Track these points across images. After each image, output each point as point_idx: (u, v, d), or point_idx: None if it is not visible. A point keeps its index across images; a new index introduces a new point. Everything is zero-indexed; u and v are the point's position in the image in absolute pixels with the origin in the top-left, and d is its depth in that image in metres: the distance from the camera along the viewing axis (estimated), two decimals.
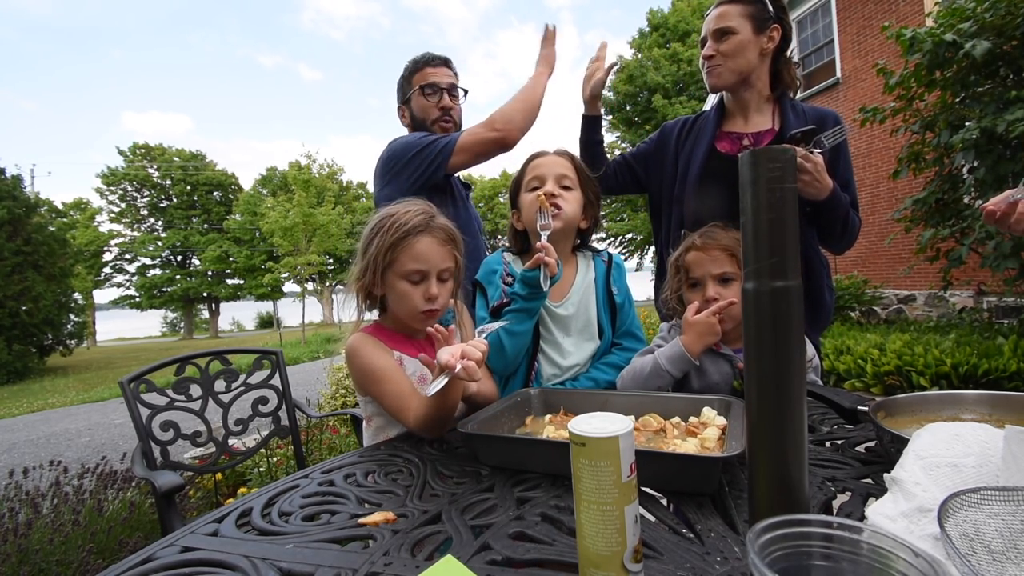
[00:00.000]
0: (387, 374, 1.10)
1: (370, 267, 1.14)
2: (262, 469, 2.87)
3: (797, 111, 1.54)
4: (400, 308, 1.17)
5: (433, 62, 1.84)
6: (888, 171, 5.10)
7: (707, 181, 1.55)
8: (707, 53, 1.55)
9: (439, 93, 1.82)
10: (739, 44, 1.50)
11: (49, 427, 7.36)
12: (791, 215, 0.54)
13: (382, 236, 1.12)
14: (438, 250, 1.16)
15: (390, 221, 1.14)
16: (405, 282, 1.14)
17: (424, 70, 1.83)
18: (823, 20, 9.50)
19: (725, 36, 1.51)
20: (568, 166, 1.36)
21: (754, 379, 0.56)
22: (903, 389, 4.44)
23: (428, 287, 1.14)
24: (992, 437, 0.60)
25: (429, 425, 1.02)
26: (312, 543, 0.64)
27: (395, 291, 1.15)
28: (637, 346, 1.38)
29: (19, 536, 1.86)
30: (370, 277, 1.15)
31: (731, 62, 1.52)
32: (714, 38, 1.53)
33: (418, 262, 1.13)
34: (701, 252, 1.26)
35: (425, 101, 1.81)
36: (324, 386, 4.68)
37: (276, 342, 17.65)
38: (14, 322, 15.98)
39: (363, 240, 1.18)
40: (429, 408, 0.99)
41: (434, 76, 1.82)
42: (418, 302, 1.14)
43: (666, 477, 0.75)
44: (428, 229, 1.15)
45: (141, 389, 1.77)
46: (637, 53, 22.10)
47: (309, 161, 23.11)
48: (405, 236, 1.12)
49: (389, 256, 1.12)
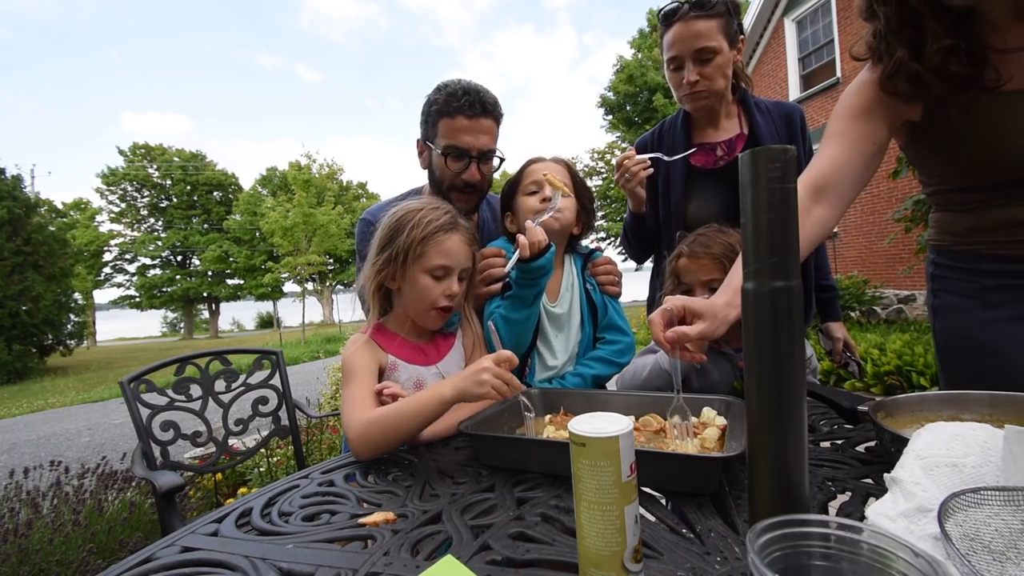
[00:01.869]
0: (356, 376, 1.07)
1: (396, 259, 1.13)
2: (262, 469, 2.87)
3: (762, 109, 1.51)
4: (417, 302, 1.16)
5: (470, 111, 1.33)
6: (888, 171, 5.09)
7: (691, 198, 1.51)
8: (691, 79, 1.40)
9: (466, 161, 1.37)
10: (722, 64, 1.39)
11: (49, 427, 7.36)
12: (791, 215, 0.54)
13: (412, 230, 1.12)
14: (464, 249, 1.17)
15: (419, 215, 1.14)
16: (428, 277, 1.14)
17: (456, 120, 1.34)
18: (823, 20, 9.51)
19: (709, 57, 1.37)
20: (565, 174, 1.36)
21: (754, 379, 0.56)
22: (903, 389, 4.44)
23: (450, 284, 1.15)
24: (992, 437, 0.60)
25: (366, 441, 0.94)
26: (312, 543, 0.65)
27: (416, 285, 1.14)
28: (621, 338, 1.38)
29: (19, 536, 1.86)
30: (392, 269, 1.15)
31: (715, 85, 1.41)
32: (695, 60, 1.39)
33: (446, 258, 1.14)
34: (690, 260, 1.28)
35: (447, 166, 1.38)
36: (324, 386, 4.68)
37: (276, 342, 17.66)
38: (14, 322, 15.99)
39: (384, 233, 1.16)
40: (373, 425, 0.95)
41: (466, 135, 1.35)
42: (437, 297, 1.14)
43: (666, 477, 0.75)
44: (457, 227, 1.16)
45: (141, 389, 1.77)
46: (637, 53, 22.10)
47: (309, 161, 23.14)
48: (436, 232, 1.13)
49: (419, 250, 1.12)
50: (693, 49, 1.37)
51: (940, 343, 1.16)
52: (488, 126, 1.38)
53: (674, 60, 1.42)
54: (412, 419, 0.94)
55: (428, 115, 1.41)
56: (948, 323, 1.12)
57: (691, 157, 1.51)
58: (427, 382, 1.15)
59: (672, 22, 1.39)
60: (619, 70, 22.05)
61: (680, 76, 1.43)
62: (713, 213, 1.43)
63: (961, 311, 1.09)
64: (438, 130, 1.38)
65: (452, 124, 1.35)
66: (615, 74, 22.16)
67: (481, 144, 1.37)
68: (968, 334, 1.07)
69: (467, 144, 1.35)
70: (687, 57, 1.39)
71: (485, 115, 1.36)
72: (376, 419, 0.95)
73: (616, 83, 21.67)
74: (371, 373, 1.10)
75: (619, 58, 22.45)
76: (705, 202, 1.49)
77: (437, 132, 1.39)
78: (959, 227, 1.08)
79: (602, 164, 23.69)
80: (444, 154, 1.37)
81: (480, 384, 0.92)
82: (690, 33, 1.36)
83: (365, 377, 1.08)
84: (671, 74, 1.46)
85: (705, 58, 1.38)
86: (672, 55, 1.42)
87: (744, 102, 1.52)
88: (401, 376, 1.15)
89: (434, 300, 1.14)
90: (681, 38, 1.37)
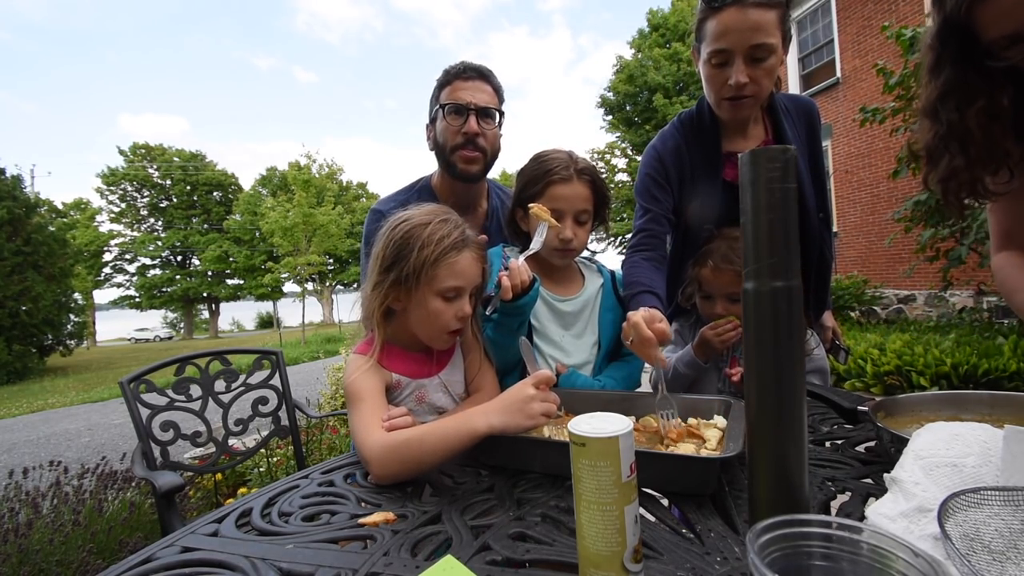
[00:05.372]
0: (365, 399, 0.99)
1: (405, 280, 1.02)
2: (262, 469, 2.87)
3: (784, 111, 1.39)
4: (428, 326, 1.07)
5: (465, 74, 1.44)
6: (888, 171, 5.09)
7: (690, 199, 1.39)
8: (740, 79, 1.16)
9: (464, 115, 1.43)
10: (774, 67, 1.18)
11: (49, 427, 7.36)
12: (791, 215, 0.54)
13: (421, 250, 1.01)
14: (476, 267, 1.08)
15: (427, 232, 1.03)
16: (439, 299, 1.04)
17: (453, 84, 1.44)
18: (823, 20, 9.51)
19: (764, 56, 1.15)
20: (588, 197, 1.26)
21: (754, 379, 0.56)
22: (903, 389, 4.44)
23: (462, 305, 1.06)
24: (992, 437, 0.60)
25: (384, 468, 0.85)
26: (312, 543, 0.64)
27: (426, 308, 1.04)
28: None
29: (19, 536, 1.86)
30: (399, 291, 1.04)
31: (764, 91, 1.20)
32: (747, 58, 1.15)
33: (459, 279, 1.04)
34: (714, 273, 1.30)
35: (447, 123, 1.44)
36: (324, 386, 4.68)
37: (276, 342, 17.66)
38: (14, 322, 16.00)
39: (388, 251, 1.05)
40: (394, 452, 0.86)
41: (463, 92, 1.43)
42: (449, 320, 1.05)
43: (665, 478, 0.75)
44: (467, 244, 1.06)
45: (141, 389, 1.77)
46: (637, 53, 22.12)
47: (309, 161, 23.14)
48: (448, 252, 1.03)
49: (430, 272, 1.02)
50: (748, 45, 1.14)
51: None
52: (484, 87, 1.45)
53: (720, 54, 1.17)
54: (433, 454, 0.85)
55: (433, 96, 1.50)
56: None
57: (724, 171, 1.37)
58: (429, 394, 1.11)
59: (724, 6, 1.14)
60: (619, 70, 22.07)
61: (724, 74, 1.19)
62: (713, 213, 1.40)
63: None
64: (439, 99, 1.47)
65: (451, 88, 1.45)
66: (615, 74, 22.18)
67: (478, 100, 1.43)
68: None
69: (465, 99, 1.43)
70: (738, 53, 1.15)
71: (481, 78, 1.45)
72: (396, 446, 0.86)
73: (616, 83, 21.68)
74: (380, 394, 1.02)
75: (619, 58, 22.49)
76: (705, 202, 1.47)
77: (438, 102, 1.47)
78: None
79: (602, 164, 23.68)
80: (444, 110, 1.44)
81: (531, 416, 0.85)
82: (747, 23, 1.12)
83: (375, 398, 1.00)
84: (712, 70, 1.21)
85: (759, 57, 1.15)
86: (718, 47, 1.16)
87: (771, 105, 1.37)
88: (405, 391, 1.09)
89: (446, 324, 1.05)
90: (735, 28, 1.13)
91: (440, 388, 1.12)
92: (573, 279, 1.39)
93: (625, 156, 23.27)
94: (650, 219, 1.36)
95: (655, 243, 1.35)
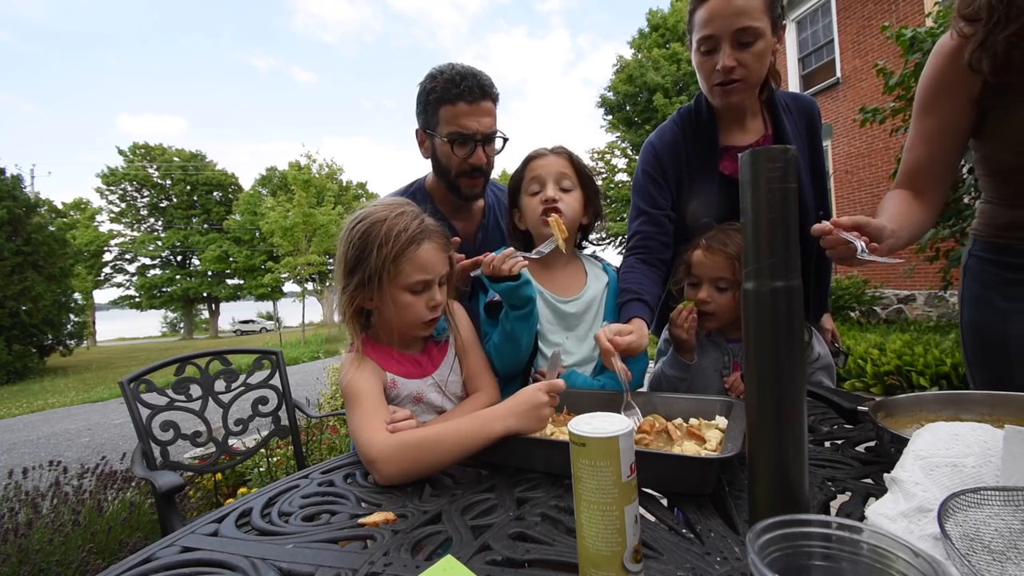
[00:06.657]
0: (364, 397, 0.99)
1: (368, 282, 1.03)
2: (262, 469, 2.87)
3: (784, 108, 1.39)
4: (402, 320, 1.08)
5: (470, 95, 1.33)
6: (888, 171, 5.10)
7: (690, 199, 1.39)
8: (726, 63, 1.19)
9: (471, 145, 1.36)
10: (763, 52, 1.20)
11: (49, 427, 7.36)
12: (791, 215, 0.54)
13: (381, 248, 1.01)
14: (439, 255, 1.08)
15: (384, 228, 1.02)
16: (408, 294, 1.05)
17: (457, 106, 1.33)
18: (823, 20, 9.51)
19: (750, 40, 1.18)
20: (567, 165, 1.33)
21: (754, 379, 0.56)
22: (903, 389, 4.44)
23: (432, 295, 1.07)
24: (992, 437, 0.60)
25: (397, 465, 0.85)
26: (312, 543, 0.64)
27: (396, 303, 1.05)
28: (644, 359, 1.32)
29: (19, 536, 1.86)
30: (366, 292, 1.05)
31: (754, 75, 1.22)
32: (733, 43, 1.18)
33: (423, 272, 1.05)
34: (705, 254, 1.28)
35: (452, 152, 1.37)
36: (324, 386, 4.68)
37: (276, 342, 17.65)
38: (14, 322, 16.01)
39: (351, 253, 1.05)
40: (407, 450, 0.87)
41: (469, 120, 1.34)
42: (422, 312, 1.07)
43: (665, 478, 0.75)
44: (427, 234, 1.06)
45: (141, 389, 1.77)
46: (637, 53, 22.12)
47: (309, 161, 23.14)
48: (408, 245, 1.03)
49: (393, 269, 1.02)
50: (733, 29, 1.17)
51: (966, 333, 1.19)
52: (488, 108, 1.38)
53: (707, 40, 1.21)
54: (450, 454, 0.86)
55: (426, 104, 1.39)
56: (973, 313, 1.16)
57: (721, 165, 1.37)
58: (426, 395, 1.11)
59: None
60: (619, 70, 22.06)
61: (713, 61, 1.22)
62: (710, 209, 1.40)
63: (985, 302, 1.12)
64: (439, 118, 1.37)
65: (454, 111, 1.34)
66: (615, 74, 22.16)
67: (484, 127, 1.37)
68: (991, 325, 1.10)
69: (471, 128, 1.35)
70: (724, 38, 1.18)
71: (484, 98, 1.36)
72: (410, 444, 0.87)
73: (616, 83, 21.66)
74: (379, 394, 1.03)
75: (619, 58, 22.48)
76: (702, 197, 1.47)
77: (438, 120, 1.37)
78: (1000, 220, 1.10)
79: (602, 164, 23.68)
80: (450, 141, 1.36)
81: (542, 420, 0.91)
82: (732, 9, 1.15)
83: (375, 397, 1.00)
84: (701, 58, 1.25)
85: (745, 41, 1.18)
86: (705, 34, 1.20)
87: (770, 100, 1.37)
88: (401, 392, 1.10)
89: (419, 315, 1.07)
90: (719, 14, 1.17)
91: (435, 388, 1.13)
92: (576, 279, 1.38)
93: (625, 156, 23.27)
94: (645, 221, 1.39)
95: (651, 245, 1.37)
